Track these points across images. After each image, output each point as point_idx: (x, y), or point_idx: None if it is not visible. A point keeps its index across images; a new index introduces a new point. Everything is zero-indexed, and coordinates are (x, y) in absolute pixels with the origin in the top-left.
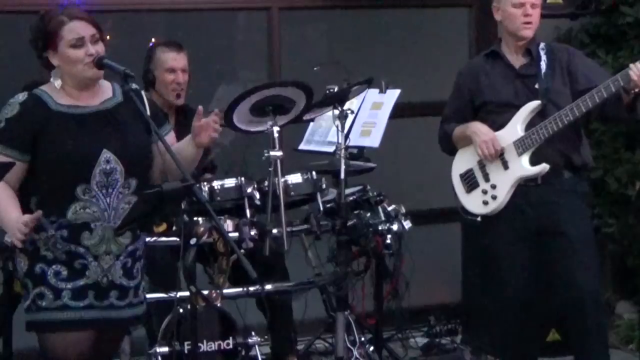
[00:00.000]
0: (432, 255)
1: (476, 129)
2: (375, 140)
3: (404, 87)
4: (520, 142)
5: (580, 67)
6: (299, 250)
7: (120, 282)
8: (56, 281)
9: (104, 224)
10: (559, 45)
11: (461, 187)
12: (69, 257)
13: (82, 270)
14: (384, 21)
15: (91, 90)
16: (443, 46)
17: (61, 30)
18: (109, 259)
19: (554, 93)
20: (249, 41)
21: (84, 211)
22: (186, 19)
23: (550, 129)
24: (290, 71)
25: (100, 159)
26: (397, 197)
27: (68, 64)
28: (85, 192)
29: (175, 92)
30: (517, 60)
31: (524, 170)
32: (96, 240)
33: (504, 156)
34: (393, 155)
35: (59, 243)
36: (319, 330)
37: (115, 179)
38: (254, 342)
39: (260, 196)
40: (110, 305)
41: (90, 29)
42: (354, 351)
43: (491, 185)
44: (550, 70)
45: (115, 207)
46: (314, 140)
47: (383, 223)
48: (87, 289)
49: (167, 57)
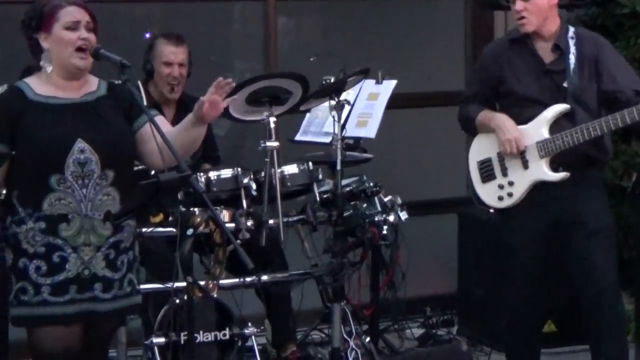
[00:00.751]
0: (428, 246)
1: (502, 124)
2: (372, 131)
3: (400, 77)
4: (544, 144)
5: (607, 66)
6: (295, 241)
7: (103, 274)
8: (37, 276)
9: (81, 215)
10: (588, 35)
11: (477, 175)
12: (48, 250)
13: (62, 263)
14: (381, 12)
15: (77, 81)
16: (439, 37)
17: (58, 12)
18: (88, 250)
19: (583, 94)
20: (245, 32)
21: (59, 202)
22: (182, 10)
23: (576, 139)
24: (287, 62)
25: (73, 148)
26: (394, 188)
27: (59, 46)
28: (60, 183)
29: (169, 86)
30: (547, 52)
31: (544, 175)
32: (74, 232)
33: (525, 155)
34: (389, 146)
35: (37, 235)
36: (315, 321)
37: (90, 170)
38: (250, 333)
39: (256, 187)
40: (94, 297)
41: (86, 16)
42: (350, 342)
43: (509, 182)
44: (578, 66)
45: (92, 198)
46: (310, 131)
47: (379, 214)
48: (68, 284)
49: (165, 50)
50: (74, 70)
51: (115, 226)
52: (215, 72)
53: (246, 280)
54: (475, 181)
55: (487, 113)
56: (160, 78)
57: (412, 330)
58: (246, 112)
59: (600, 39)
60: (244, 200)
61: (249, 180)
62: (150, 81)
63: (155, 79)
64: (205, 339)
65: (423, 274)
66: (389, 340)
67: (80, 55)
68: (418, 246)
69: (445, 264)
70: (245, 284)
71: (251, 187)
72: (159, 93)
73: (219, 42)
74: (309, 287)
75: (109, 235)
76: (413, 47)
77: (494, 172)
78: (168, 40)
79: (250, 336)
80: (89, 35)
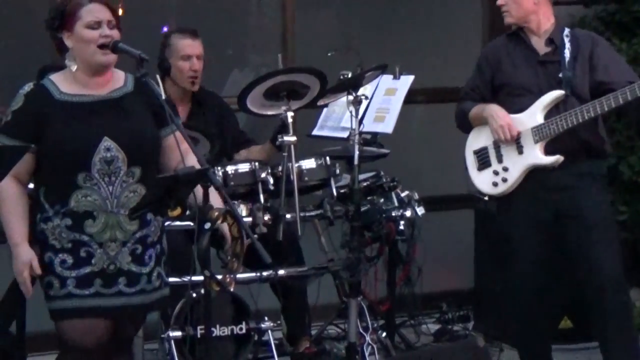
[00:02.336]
0: (445, 241)
1: (493, 112)
2: (389, 126)
3: (417, 73)
4: (538, 129)
5: (601, 58)
6: (312, 235)
7: (129, 269)
8: (62, 270)
9: (106, 212)
10: (583, 33)
11: (473, 164)
12: (74, 246)
13: (88, 258)
14: (398, 7)
15: (102, 77)
16: (457, 33)
17: (79, 11)
18: (114, 246)
19: (577, 84)
20: (263, 26)
21: (86, 199)
22: (200, 3)
23: (569, 122)
24: (304, 56)
25: (100, 147)
26: (411, 183)
27: (81, 44)
28: (86, 180)
29: (190, 80)
30: (540, 45)
31: (538, 159)
32: (99, 228)
33: (520, 141)
34: (406, 141)
35: (63, 232)
36: (332, 315)
37: (117, 167)
38: (266, 327)
39: (273, 181)
40: (119, 292)
41: (108, 14)
42: (366, 337)
43: (503, 168)
44: (573, 59)
45: (118, 195)
46: (328, 126)
47: (396, 209)
48: (93, 277)
49: (182, 44)
50: (98, 66)
51: (141, 221)
52: (232, 66)
53: (263, 274)
54: (472, 170)
55: (480, 105)
56: (180, 73)
57: (428, 326)
58: (264, 106)
59: (595, 36)
60: (261, 194)
61: (267, 175)
62: (166, 78)
63: (173, 76)
64: (222, 333)
65: (439, 270)
66: (405, 336)
67: (103, 52)
68: (435, 242)
69: (461, 260)
70: (262, 278)
71: (268, 182)
72: (176, 90)
73: (237, 36)
74: (326, 282)
75: (135, 230)
76: (430, 43)
77: (490, 159)
78: (184, 35)
79: (266, 330)
80: (111, 32)
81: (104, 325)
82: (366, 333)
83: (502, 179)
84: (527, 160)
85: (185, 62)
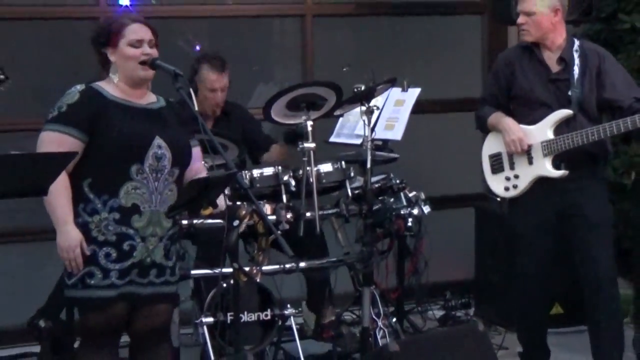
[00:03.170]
0: (449, 236)
1: (507, 127)
2: (398, 133)
3: (423, 86)
4: (547, 144)
5: (608, 76)
6: (329, 231)
7: (160, 262)
8: (106, 262)
9: (151, 207)
10: (591, 48)
11: (488, 167)
12: (119, 239)
13: (130, 251)
14: (405, 27)
15: (140, 90)
16: (459, 50)
17: (124, 30)
18: (154, 240)
19: (585, 102)
20: (285, 45)
21: (135, 192)
22: (228, 25)
23: (576, 142)
24: (322, 71)
25: (154, 143)
26: (418, 184)
27: (124, 60)
28: (139, 173)
29: (212, 109)
30: (552, 62)
31: (546, 172)
32: (144, 223)
33: (531, 152)
34: (414, 147)
35: (110, 225)
36: (347, 303)
37: (163, 165)
38: (289, 314)
39: (295, 183)
40: (150, 282)
41: (149, 34)
42: (378, 322)
43: (514, 175)
44: (581, 76)
45: (161, 191)
46: (343, 134)
47: (405, 208)
48: (131, 268)
49: (210, 78)
50: (138, 80)
51: (174, 220)
52: (258, 80)
53: (286, 266)
54: (487, 173)
55: (497, 116)
56: (204, 99)
57: (433, 312)
58: (286, 116)
59: (602, 51)
60: (284, 195)
61: (289, 177)
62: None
63: (199, 97)
64: (249, 319)
65: (443, 262)
66: (413, 321)
67: (143, 68)
68: (439, 237)
69: (463, 253)
70: (285, 270)
71: (290, 184)
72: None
73: (262, 53)
74: (342, 273)
75: (170, 227)
76: (435, 59)
77: (503, 165)
78: (213, 68)
79: (289, 317)
80: (151, 50)
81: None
82: (378, 319)
83: (513, 185)
84: (536, 171)
85: (210, 93)
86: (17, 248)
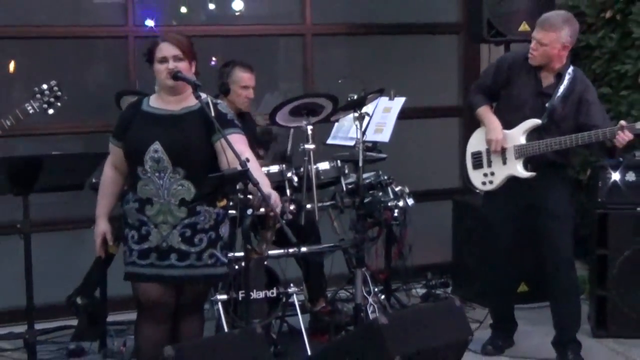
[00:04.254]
0: (429, 225)
1: (492, 127)
2: (386, 136)
3: (408, 95)
4: (519, 149)
5: (588, 102)
6: (326, 221)
7: (179, 247)
8: (131, 243)
9: (160, 200)
10: (582, 78)
11: (470, 163)
12: (139, 224)
13: (147, 235)
14: (393, 45)
15: (176, 97)
16: (438, 64)
17: (155, 49)
18: (166, 227)
19: (559, 116)
20: (288, 60)
21: (145, 187)
22: (239, 43)
23: (543, 149)
24: (320, 83)
25: (150, 147)
26: (403, 180)
27: (157, 73)
28: (143, 173)
29: (245, 104)
30: (547, 77)
31: (516, 172)
32: (155, 212)
33: (505, 154)
34: (400, 148)
35: (133, 212)
36: (342, 282)
37: (164, 166)
38: (292, 292)
39: (297, 179)
40: (171, 265)
41: (175, 51)
42: (369, 299)
43: (491, 172)
44: (565, 96)
45: (168, 187)
46: (339, 136)
47: (392, 200)
48: (150, 252)
49: (243, 76)
50: (169, 89)
51: (190, 211)
52: (265, 90)
53: (289, 251)
54: (469, 167)
55: (486, 111)
56: (237, 97)
57: (416, 290)
58: (289, 121)
59: (589, 84)
60: (288, 189)
61: (292, 174)
62: (223, 97)
63: (230, 97)
64: (258, 296)
65: (425, 247)
66: (399, 298)
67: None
68: (421, 225)
69: (442, 239)
70: (289, 254)
71: (293, 179)
72: (231, 107)
73: (268, 67)
74: (338, 257)
75: (184, 217)
76: (418, 72)
77: (482, 162)
78: (244, 69)
79: (292, 294)
80: (175, 64)
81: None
82: (369, 296)
83: (489, 181)
84: (508, 171)
85: (244, 90)
86: (57, 236)
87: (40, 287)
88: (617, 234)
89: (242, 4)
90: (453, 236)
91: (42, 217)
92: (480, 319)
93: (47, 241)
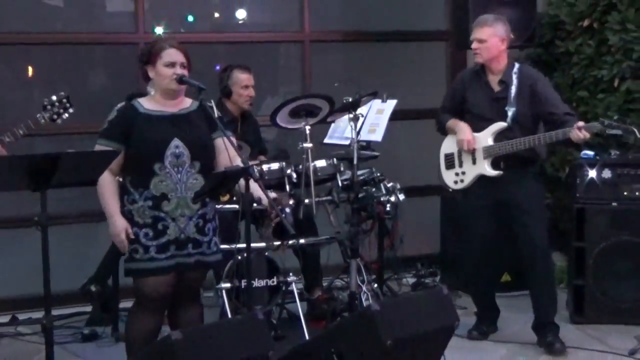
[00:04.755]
0: (419, 219)
1: (461, 130)
2: (379, 136)
3: (399, 98)
4: (487, 150)
5: (542, 93)
6: (323, 214)
7: (194, 237)
8: (145, 240)
9: (177, 194)
10: (528, 71)
11: (443, 163)
12: (154, 221)
13: (164, 230)
14: (385, 51)
15: (173, 100)
16: (427, 68)
17: (161, 52)
18: (183, 220)
19: (519, 116)
20: (288, 65)
21: (161, 184)
22: (242, 49)
23: (509, 148)
24: (318, 86)
25: (171, 143)
26: (394, 177)
27: (159, 77)
28: (161, 169)
29: (247, 102)
30: (495, 84)
31: (485, 171)
32: (173, 207)
33: (475, 154)
34: (391, 147)
35: (146, 210)
36: (338, 272)
37: (183, 161)
38: (291, 281)
39: (296, 176)
40: (188, 253)
41: (181, 57)
42: (363, 287)
43: (462, 172)
44: (518, 95)
45: (185, 181)
46: (335, 136)
47: (384, 195)
48: (169, 244)
49: (242, 77)
50: (172, 92)
51: (202, 202)
52: (266, 93)
53: (288, 242)
54: (442, 168)
55: (454, 120)
56: (239, 97)
57: (407, 279)
58: (289, 122)
59: (536, 74)
60: (287, 185)
61: (291, 171)
62: (227, 100)
63: (233, 98)
64: (259, 284)
65: (415, 239)
66: (391, 286)
67: (175, 83)
68: (411, 219)
69: (431, 232)
70: (288, 245)
71: (292, 176)
72: (234, 108)
73: (268, 72)
74: (334, 248)
75: (198, 208)
76: (408, 76)
77: (454, 162)
78: (243, 70)
79: (291, 283)
80: (181, 71)
81: (171, 280)
82: (363, 285)
83: (460, 180)
84: (477, 170)
85: (245, 90)
86: (72, 228)
87: (57, 276)
88: (594, 228)
89: (245, 13)
90: (441, 229)
91: (58, 211)
92: (466, 306)
93: (63, 234)
